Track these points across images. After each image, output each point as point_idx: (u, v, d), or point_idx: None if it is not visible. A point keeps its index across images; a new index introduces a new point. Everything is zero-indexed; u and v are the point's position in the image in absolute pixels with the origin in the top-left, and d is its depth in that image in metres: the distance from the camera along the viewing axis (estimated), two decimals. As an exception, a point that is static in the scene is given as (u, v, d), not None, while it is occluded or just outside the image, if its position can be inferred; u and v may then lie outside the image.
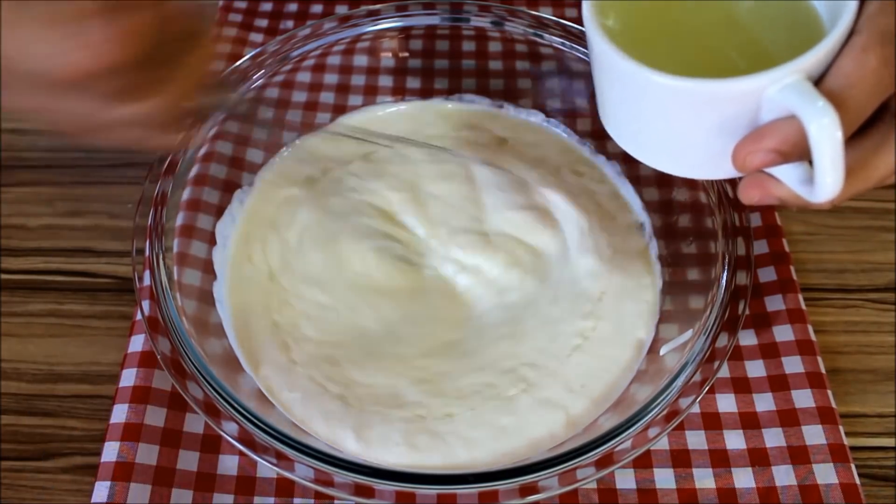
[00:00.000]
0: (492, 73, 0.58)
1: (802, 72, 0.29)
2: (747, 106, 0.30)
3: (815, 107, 0.28)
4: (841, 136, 0.28)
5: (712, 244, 0.44)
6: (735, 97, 0.30)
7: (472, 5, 0.54)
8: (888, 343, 0.49)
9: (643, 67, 0.30)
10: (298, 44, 0.53)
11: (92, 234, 0.53)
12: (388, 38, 0.56)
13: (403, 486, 0.36)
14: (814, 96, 0.28)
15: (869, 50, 0.28)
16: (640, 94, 0.32)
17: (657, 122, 0.33)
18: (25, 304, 0.50)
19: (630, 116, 0.34)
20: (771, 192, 0.32)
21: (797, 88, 0.28)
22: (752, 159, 0.30)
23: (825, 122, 0.28)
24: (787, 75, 0.29)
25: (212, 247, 0.48)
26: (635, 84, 0.32)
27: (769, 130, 0.29)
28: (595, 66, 0.34)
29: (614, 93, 0.34)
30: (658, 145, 0.34)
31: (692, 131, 0.32)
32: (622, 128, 0.35)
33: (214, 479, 0.42)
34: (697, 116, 0.31)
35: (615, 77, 0.33)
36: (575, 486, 0.37)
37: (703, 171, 0.34)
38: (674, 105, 0.31)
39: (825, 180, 0.29)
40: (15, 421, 0.46)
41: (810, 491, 0.41)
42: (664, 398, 0.38)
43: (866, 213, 0.54)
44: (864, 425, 0.45)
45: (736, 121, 0.30)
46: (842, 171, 0.29)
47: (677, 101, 0.31)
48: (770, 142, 0.29)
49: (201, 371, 0.39)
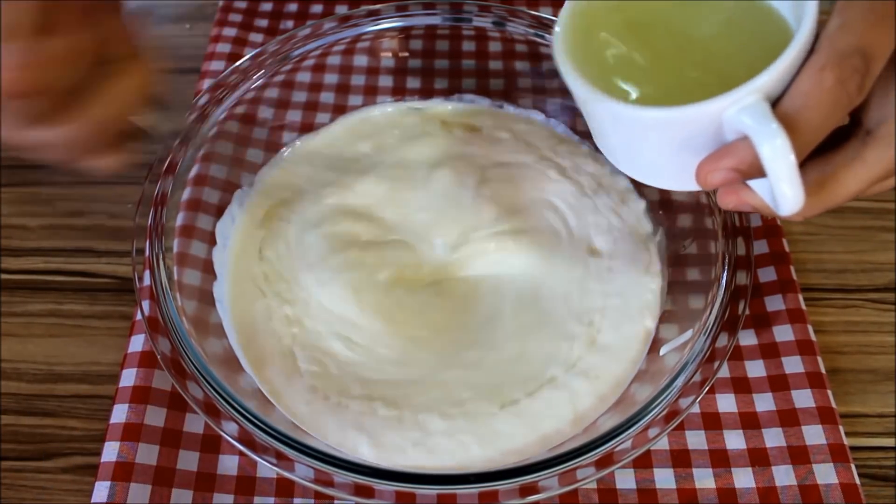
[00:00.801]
0: (492, 73, 0.58)
1: (760, 92, 0.29)
2: (709, 127, 0.30)
3: (767, 129, 0.28)
4: (793, 158, 0.28)
5: (712, 244, 0.44)
6: (694, 121, 0.30)
7: (472, 5, 0.54)
8: (888, 343, 0.49)
9: (606, 99, 0.32)
10: (298, 44, 0.53)
11: (92, 234, 0.53)
12: (388, 38, 0.56)
13: (403, 486, 0.36)
14: (767, 118, 0.29)
15: (826, 69, 0.29)
16: (608, 121, 0.34)
17: (626, 143, 0.34)
18: (25, 304, 0.50)
19: (604, 135, 0.36)
20: (745, 201, 0.33)
21: (752, 110, 0.29)
22: (712, 177, 0.31)
23: (777, 144, 0.28)
24: (745, 96, 0.29)
25: (212, 247, 0.48)
26: (603, 113, 0.33)
27: (729, 150, 0.30)
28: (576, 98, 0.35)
29: (596, 123, 0.35)
30: (632, 161, 0.36)
31: (660, 151, 0.33)
32: (601, 142, 0.37)
33: (214, 479, 0.42)
34: (662, 139, 0.32)
35: (584, 107, 0.35)
36: (575, 486, 0.37)
37: (677, 184, 0.35)
38: (638, 130, 0.33)
39: (783, 198, 0.30)
40: (15, 421, 0.46)
41: (810, 491, 0.41)
42: (664, 398, 0.38)
43: (866, 213, 0.54)
44: (864, 425, 0.45)
45: (700, 140, 0.31)
46: (799, 188, 0.29)
47: (640, 127, 0.32)
48: (729, 161, 0.30)
49: (201, 371, 0.39)
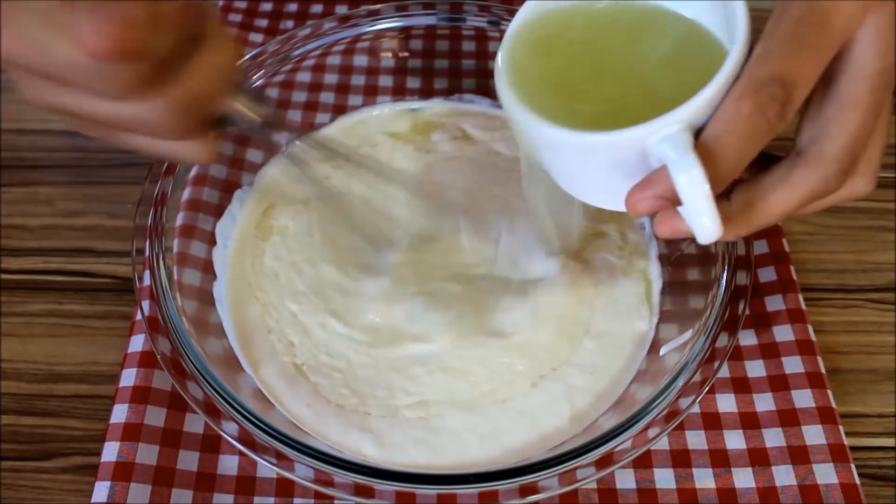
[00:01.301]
0: (492, 73, 0.57)
1: (683, 122, 0.29)
2: (634, 153, 0.30)
3: (683, 160, 0.28)
4: (707, 188, 0.28)
5: (712, 244, 0.44)
6: (619, 147, 0.31)
7: (472, 5, 0.54)
8: (888, 343, 0.49)
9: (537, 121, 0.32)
10: (298, 44, 0.53)
11: (92, 234, 0.53)
12: (388, 38, 0.56)
13: (403, 486, 0.36)
14: (684, 149, 0.29)
15: (744, 98, 0.29)
16: (540, 142, 0.34)
17: (561, 164, 0.35)
18: (25, 304, 0.50)
19: (552, 161, 0.36)
20: (677, 228, 0.32)
21: (672, 140, 0.29)
22: (640, 206, 0.31)
23: (692, 175, 0.28)
24: (668, 126, 0.29)
25: (212, 247, 0.48)
26: (534, 135, 0.33)
27: (655, 179, 0.30)
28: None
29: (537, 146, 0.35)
30: (569, 181, 0.36)
31: (592, 173, 0.34)
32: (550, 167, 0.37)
33: (214, 479, 0.42)
34: (590, 162, 0.33)
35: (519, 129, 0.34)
36: (575, 486, 0.37)
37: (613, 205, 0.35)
38: (568, 152, 0.33)
39: (700, 227, 0.30)
40: (15, 421, 0.46)
41: (810, 491, 0.41)
42: (664, 398, 0.38)
43: (866, 213, 0.54)
44: (864, 425, 0.45)
45: (627, 165, 0.31)
46: (715, 218, 0.29)
47: (569, 150, 0.33)
48: (654, 190, 0.30)
49: (201, 371, 0.39)
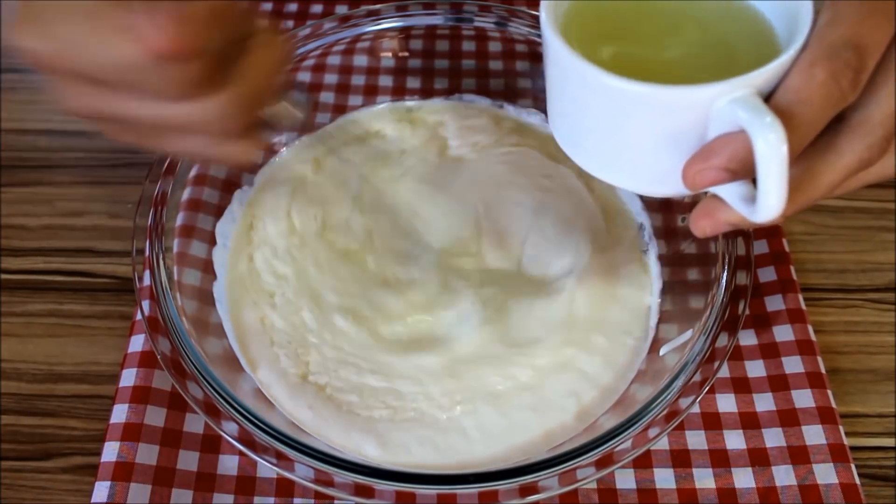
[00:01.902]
0: (492, 73, 0.58)
1: (753, 86, 0.28)
2: (696, 116, 0.29)
3: (762, 122, 0.27)
4: (786, 153, 0.27)
5: (712, 244, 0.44)
6: (685, 106, 0.29)
7: (472, 5, 0.54)
8: (888, 343, 0.49)
9: (596, 69, 0.30)
10: (298, 44, 0.52)
11: (92, 234, 0.53)
12: (388, 38, 0.56)
13: (403, 486, 0.36)
14: (762, 111, 0.28)
15: (816, 64, 0.28)
16: (592, 98, 0.31)
17: (608, 129, 0.32)
18: (25, 304, 0.50)
19: (581, 123, 0.33)
20: (721, 219, 0.31)
21: (746, 102, 0.28)
22: (701, 177, 0.29)
23: (772, 138, 0.27)
24: (738, 88, 0.28)
25: (212, 247, 0.48)
26: (588, 86, 0.31)
27: (718, 147, 0.29)
28: (549, 67, 0.33)
29: (566, 96, 0.33)
30: (607, 156, 0.34)
31: (641, 141, 0.31)
32: (572, 136, 0.34)
33: (214, 479, 0.42)
34: (647, 124, 0.30)
35: (568, 78, 0.32)
36: (575, 486, 0.37)
37: (651, 187, 0.33)
38: (624, 110, 0.30)
39: (768, 199, 0.28)
40: (15, 421, 0.45)
41: (810, 491, 0.41)
42: (664, 398, 0.38)
43: (866, 213, 0.54)
44: (864, 425, 0.45)
45: (685, 132, 0.30)
46: (785, 188, 0.28)
47: (628, 105, 0.30)
48: (719, 160, 0.29)
49: (201, 371, 0.39)
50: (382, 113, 0.56)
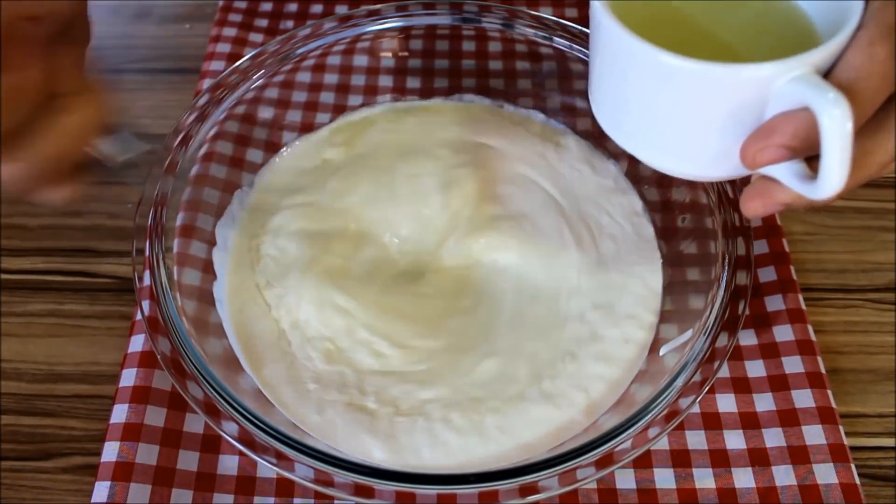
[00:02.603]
0: (492, 73, 0.58)
1: (812, 65, 0.29)
2: (755, 95, 0.29)
3: (826, 98, 0.28)
4: (851, 128, 0.28)
5: (712, 244, 0.44)
6: (744, 84, 0.29)
7: (472, 5, 0.54)
8: (888, 343, 0.49)
9: (654, 48, 0.30)
10: (298, 44, 0.52)
11: (92, 234, 0.53)
12: (388, 38, 0.56)
13: (403, 486, 0.36)
14: (826, 87, 0.28)
15: (876, 43, 0.29)
16: (649, 79, 0.31)
17: (665, 112, 0.32)
18: (25, 304, 0.50)
19: (632, 106, 0.33)
20: (774, 199, 0.31)
21: (809, 80, 0.28)
22: (762, 156, 0.30)
23: (837, 114, 0.27)
24: (798, 67, 0.29)
25: (212, 247, 0.48)
26: (642, 65, 0.31)
27: (778, 125, 0.29)
28: (598, 47, 0.33)
29: (616, 77, 0.33)
30: (659, 140, 0.34)
31: (698, 122, 0.31)
32: (621, 120, 0.34)
33: (214, 479, 0.42)
34: (706, 104, 0.30)
35: (621, 58, 0.32)
36: (575, 486, 0.37)
37: (703, 169, 0.34)
38: (685, 90, 0.30)
39: (831, 175, 0.28)
40: (15, 421, 0.46)
41: (810, 491, 0.41)
42: (664, 398, 0.38)
43: (866, 213, 0.54)
44: (864, 425, 0.45)
45: (743, 112, 0.30)
46: (848, 164, 0.28)
47: (689, 85, 0.30)
48: (780, 137, 0.29)
49: (201, 371, 0.39)
50: (383, 114, 0.56)
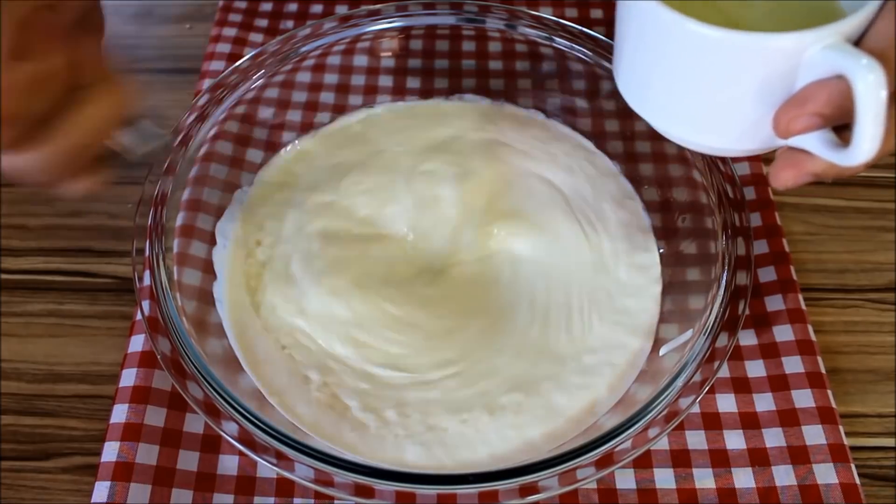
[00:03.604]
0: (492, 73, 0.58)
1: (842, 34, 0.29)
2: (787, 65, 0.30)
3: (860, 64, 0.28)
4: (886, 94, 0.28)
5: (712, 244, 0.44)
6: (777, 53, 0.30)
7: (472, 5, 0.54)
8: (888, 343, 0.49)
9: (688, 19, 0.30)
10: (298, 44, 0.53)
11: (92, 234, 0.53)
12: (388, 38, 0.56)
13: (403, 486, 0.36)
14: (859, 54, 0.28)
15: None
16: (680, 51, 0.32)
17: (693, 83, 0.32)
18: (25, 304, 0.50)
19: (661, 80, 0.34)
20: (805, 170, 0.32)
21: (841, 48, 0.29)
22: (795, 124, 0.30)
23: (871, 79, 0.28)
24: (830, 36, 0.29)
25: (212, 247, 0.48)
26: (675, 38, 0.31)
27: (811, 93, 0.30)
28: (627, 21, 0.33)
29: (645, 52, 0.33)
30: (688, 114, 0.34)
31: (728, 93, 0.32)
32: (648, 96, 0.35)
33: (214, 479, 0.42)
34: (736, 75, 0.31)
35: (651, 32, 0.32)
36: (575, 486, 0.37)
37: (732, 142, 0.34)
38: (714, 61, 0.31)
39: (864, 140, 0.29)
40: (15, 421, 0.46)
41: (810, 491, 0.41)
42: (664, 398, 0.38)
43: (866, 213, 0.54)
44: (864, 425, 0.45)
45: (774, 81, 0.30)
46: (882, 130, 0.29)
47: (718, 55, 0.31)
48: (814, 105, 0.29)
49: (201, 371, 0.39)
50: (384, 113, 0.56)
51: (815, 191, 0.55)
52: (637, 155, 0.52)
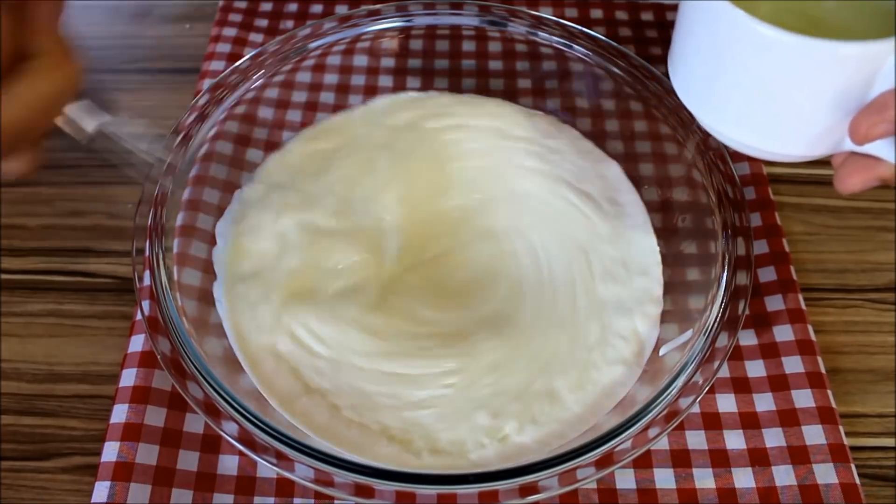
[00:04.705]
0: (492, 73, 0.58)
1: None
2: (866, 72, 0.30)
3: None
4: None
5: (712, 244, 0.44)
6: (856, 60, 0.30)
7: (472, 5, 0.54)
8: (888, 343, 0.49)
9: (774, 28, 0.30)
10: (298, 44, 0.52)
11: (92, 234, 0.53)
12: (388, 38, 0.56)
13: (403, 486, 0.36)
14: None
15: None
16: (757, 58, 0.31)
17: (766, 89, 0.32)
18: (25, 304, 0.50)
19: (730, 84, 0.33)
20: (874, 174, 0.32)
21: None
22: (875, 130, 0.30)
23: None
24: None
25: (212, 247, 0.48)
26: (755, 44, 0.31)
27: (890, 100, 0.30)
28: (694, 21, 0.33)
29: (714, 53, 0.33)
30: (757, 120, 0.34)
31: (805, 100, 0.32)
32: (712, 98, 0.34)
33: (214, 479, 0.42)
34: (816, 82, 0.31)
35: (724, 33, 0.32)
36: (575, 486, 0.37)
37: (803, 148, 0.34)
38: (794, 68, 0.31)
39: None
40: (15, 421, 0.45)
41: (810, 491, 0.41)
42: (664, 398, 0.38)
43: (866, 213, 0.54)
44: (864, 425, 0.45)
45: (851, 88, 0.30)
46: None
47: (799, 62, 0.30)
48: (893, 112, 0.29)
49: (201, 371, 0.39)
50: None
51: (815, 191, 0.55)
52: (637, 155, 0.52)
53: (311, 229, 0.48)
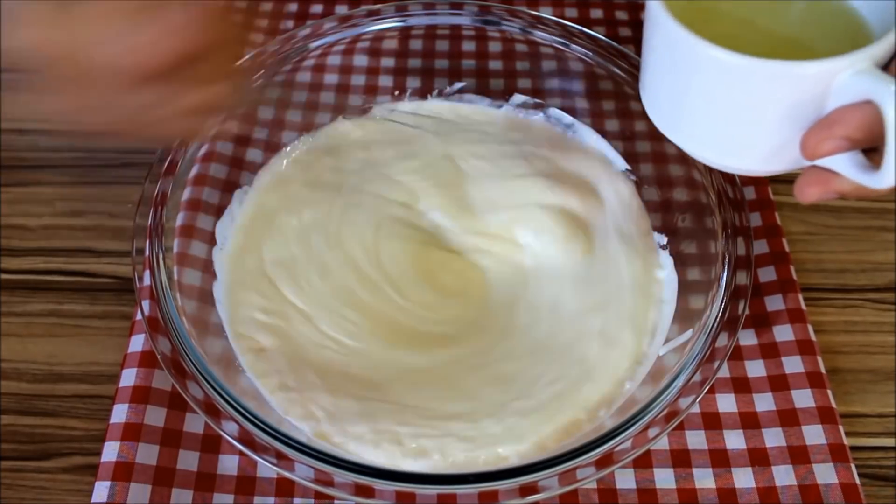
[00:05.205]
0: (492, 73, 0.58)
1: (873, 59, 0.30)
2: (818, 89, 0.30)
3: (889, 90, 0.28)
4: None
5: (712, 244, 0.44)
6: (809, 79, 0.30)
7: (472, 5, 0.54)
8: (888, 343, 0.48)
9: (721, 49, 0.30)
10: (298, 44, 0.53)
11: (92, 234, 0.53)
12: (388, 38, 0.56)
13: (403, 486, 0.36)
14: (889, 80, 0.29)
15: None
16: (710, 78, 0.32)
17: (724, 109, 0.33)
18: (25, 304, 0.50)
19: (691, 106, 0.34)
20: (831, 188, 0.32)
21: (872, 73, 0.29)
22: (823, 146, 0.30)
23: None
24: (861, 61, 0.29)
25: (212, 247, 0.48)
26: (706, 66, 0.31)
27: (840, 117, 0.30)
28: (653, 45, 0.34)
29: (675, 78, 0.34)
30: (718, 138, 0.34)
31: (759, 117, 0.32)
32: (679, 121, 0.35)
33: (214, 479, 0.42)
34: (769, 100, 0.31)
35: (681, 60, 0.33)
36: (575, 486, 0.37)
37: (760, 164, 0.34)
38: (746, 88, 0.31)
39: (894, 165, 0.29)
40: (15, 421, 0.45)
41: (810, 491, 0.41)
42: (664, 398, 0.38)
43: (866, 213, 0.54)
44: (864, 425, 0.45)
45: (805, 105, 0.31)
46: None
47: (751, 83, 0.31)
48: (843, 129, 0.30)
49: (201, 371, 0.39)
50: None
51: (815, 191, 0.55)
52: (637, 155, 0.52)
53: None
